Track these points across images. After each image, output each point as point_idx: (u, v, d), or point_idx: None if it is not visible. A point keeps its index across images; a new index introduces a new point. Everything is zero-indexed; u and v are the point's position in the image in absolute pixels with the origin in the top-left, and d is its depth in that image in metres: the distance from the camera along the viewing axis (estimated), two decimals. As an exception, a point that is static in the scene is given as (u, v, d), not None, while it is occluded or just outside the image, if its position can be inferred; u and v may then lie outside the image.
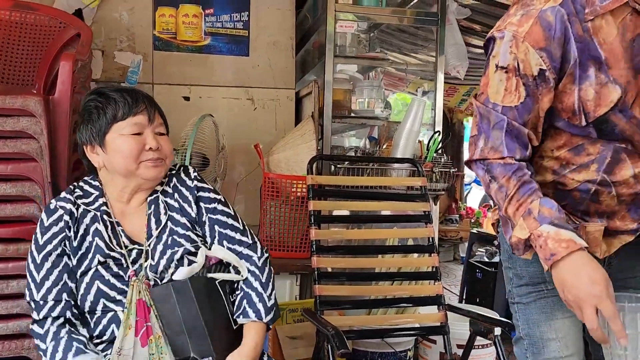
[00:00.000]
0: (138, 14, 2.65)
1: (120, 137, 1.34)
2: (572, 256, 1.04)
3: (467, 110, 6.35)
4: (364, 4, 2.64)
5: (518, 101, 1.12)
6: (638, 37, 1.10)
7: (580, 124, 1.14)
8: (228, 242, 1.43)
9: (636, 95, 1.11)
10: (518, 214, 1.11)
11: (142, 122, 1.36)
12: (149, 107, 1.38)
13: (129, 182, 1.39)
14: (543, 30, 1.08)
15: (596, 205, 1.20)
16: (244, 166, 2.78)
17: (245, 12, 2.76)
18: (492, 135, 1.15)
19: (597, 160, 1.16)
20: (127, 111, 1.34)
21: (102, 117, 1.35)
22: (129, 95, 1.36)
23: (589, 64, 1.09)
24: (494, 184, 1.16)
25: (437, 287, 2.04)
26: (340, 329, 1.57)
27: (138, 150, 1.34)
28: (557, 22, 1.08)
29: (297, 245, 2.39)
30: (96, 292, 1.30)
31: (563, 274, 1.05)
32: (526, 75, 1.11)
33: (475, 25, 4.08)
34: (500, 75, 1.13)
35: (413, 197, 2.22)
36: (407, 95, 8.89)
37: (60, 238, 1.33)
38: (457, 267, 5.98)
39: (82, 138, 1.40)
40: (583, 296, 1.02)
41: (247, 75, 2.78)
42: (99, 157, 1.38)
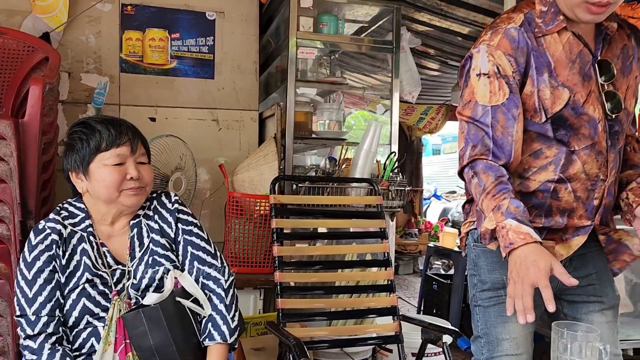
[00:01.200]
0: (105, 37, 2.72)
1: (103, 167, 1.43)
2: (527, 246, 1.21)
3: (425, 128, 6.60)
4: (324, 31, 2.79)
5: (504, 98, 1.32)
6: (579, 54, 1.37)
7: (540, 121, 1.36)
8: (199, 263, 1.53)
9: (587, 95, 1.35)
10: (490, 208, 1.27)
11: (125, 153, 1.45)
12: (133, 138, 1.47)
13: (111, 208, 1.47)
14: (509, 42, 1.34)
15: (557, 203, 1.40)
16: (209, 185, 2.87)
17: (210, 37, 2.87)
18: (480, 143, 1.33)
19: (554, 162, 1.38)
20: (110, 142, 1.43)
21: (86, 147, 1.43)
22: (113, 127, 1.45)
23: (543, 69, 1.34)
24: (475, 179, 1.33)
25: (392, 299, 2.18)
26: (301, 339, 1.68)
27: (119, 180, 1.43)
28: (519, 36, 1.35)
29: (260, 261, 2.50)
30: (82, 309, 1.38)
31: (515, 259, 1.22)
32: (506, 75, 1.33)
33: (430, 49, 4.31)
34: (484, 80, 1.34)
35: (370, 215, 2.37)
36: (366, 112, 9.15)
37: (48, 256, 1.39)
38: (417, 279, 6.16)
39: (68, 165, 1.47)
40: (525, 275, 1.18)
41: (213, 97, 2.89)
42: (83, 183, 1.46)
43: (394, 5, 2.82)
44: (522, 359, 1.44)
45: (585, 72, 1.36)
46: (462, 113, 1.39)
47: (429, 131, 6.76)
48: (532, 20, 1.37)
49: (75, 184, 1.49)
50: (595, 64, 1.37)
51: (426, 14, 3.55)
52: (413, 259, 6.62)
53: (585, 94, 1.35)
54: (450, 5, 3.33)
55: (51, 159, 2.27)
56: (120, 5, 2.72)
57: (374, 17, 3.04)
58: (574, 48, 1.36)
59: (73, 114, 2.67)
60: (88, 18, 2.67)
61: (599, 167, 1.39)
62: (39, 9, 2.55)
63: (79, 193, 1.51)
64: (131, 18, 2.75)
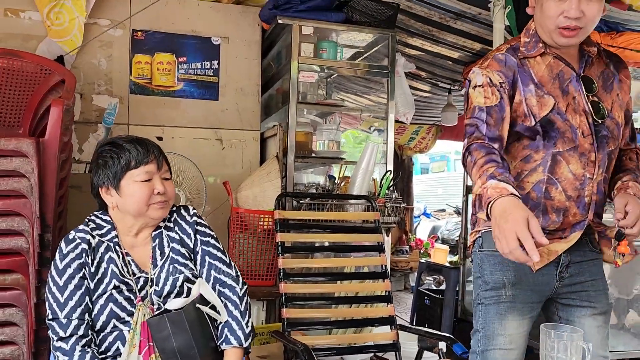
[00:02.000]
0: (116, 61, 2.87)
1: (133, 184, 1.55)
2: (503, 199, 1.30)
3: (416, 148, 6.78)
4: (324, 57, 2.95)
5: (497, 101, 1.53)
6: (560, 72, 1.59)
7: (530, 124, 1.54)
8: (215, 271, 1.65)
9: (566, 106, 1.55)
10: (477, 176, 1.40)
11: (152, 170, 1.57)
12: (158, 156, 1.60)
13: (138, 220, 1.59)
14: (497, 63, 1.58)
15: (551, 202, 1.57)
16: (211, 201, 2.99)
17: (215, 61, 3.03)
18: (476, 131, 1.51)
19: (542, 164, 1.56)
20: (139, 160, 1.55)
21: (117, 165, 1.55)
22: (140, 146, 1.57)
23: (529, 82, 1.57)
24: (469, 157, 1.47)
25: (390, 309, 2.31)
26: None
27: (148, 195, 1.55)
28: (506, 58, 1.59)
29: (263, 273, 2.62)
30: (109, 313, 1.49)
31: (494, 213, 1.30)
32: (496, 84, 1.55)
33: (421, 72, 4.50)
34: (479, 90, 1.56)
35: (368, 230, 2.50)
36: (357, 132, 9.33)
37: (78, 263, 1.51)
38: (408, 295, 6.28)
39: (98, 181, 1.59)
40: (505, 226, 1.26)
41: (217, 118, 3.03)
42: (113, 198, 1.58)
43: (390, 33, 2.99)
44: (513, 353, 1.59)
45: (564, 87, 1.57)
46: (465, 120, 1.58)
47: (420, 150, 6.95)
48: (517, 48, 1.61)
49: (104, 199, 1.60)
50: (579, 79, 1.58)
51: (418, 39, 3.74)
52: (404, 276, 6.74)
53: (564, 104, 1.55)
54: (442, 31, 3.51)
55: (66, 175, 2.39)
56: (130, 30, 2.87)
57: (369, 42, 3.22)
58: (554, 68, 1.58)
59: (84, 133, 2.79)
60: (100, 42, 2.81)
61: (584, 166, 1.55)
62: (54, 33, 2.68)
63: (104, 207, 1.63)
64: (141, 43, 2.89)
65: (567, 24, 1.50)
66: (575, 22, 1.49)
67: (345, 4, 2.96)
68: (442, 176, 17.18)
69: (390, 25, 2.99)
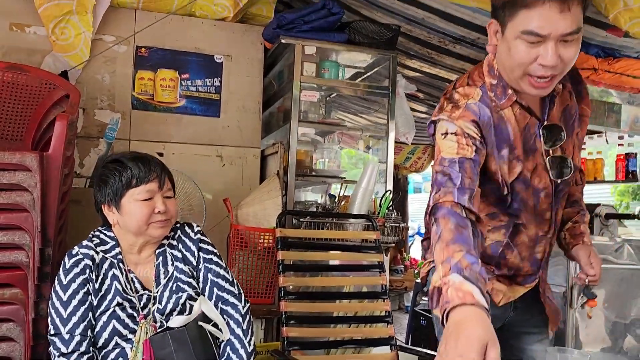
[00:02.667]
0: (119, 76, 2.88)
1: (134, 202, 1.55)
2: (463, 308, 0.99)
3: (411, 167, 6.82)
4: (326, 76, 2.99)
5: (472, 154, 1.28)
6: (526, 127, 1.38)
7: (503, 192, 1.41)
8: (218, 289, 1.65)
9: (533, 168, 1.42)
10: (440, 259, 1.10)
11: (153, 189, 1.58)
12: (160, 174, 1.60)
13: (139, 238, 1.60)
14: (472, 114, 1.34)
15: (504, 261, 1.52)
16: (211, 217, 2.99)
17: (217, 78, 3.05)
18: (443, 185, 1.24)
19: (505, 227, 1.46)
20: (140, 179, 1.56)
21: (118, 182, 1.56)
22: (143, 164, 1.58)
23: (503, 145, 1.37)
24: (434, 226, 1.19)
25: (389, 329, 2.31)
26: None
27: (148, 214, 1.56)
28: (480, 109, 1.35)
29: (262, 292, 2.61)
30: (112, 330, 1.49)
31: (448, 323, 0.99)
32: (472, 136, 1.31)
33: (419, 93, 4.55)
34: (451, 138, 1.31)
35: (368, 249, 2.51)
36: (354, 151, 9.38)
37: (82, 279, 1.50)
38: (403, 315, 6.25)
39: (101, 198, 1.59)
40: (452, 348, 0.94)
41: (218, 135, 3.05)
42: (114, 215, 1.58)
43: (391, 54, 3.04)
44: None
45: (530, 146, 1.39)
46: (433, 169, 1.36)
47: (415, 170, 6.99)
48: (486, 93, 1.37)
49: (107, 216, 1.60)
50: (540, 131, 1.39)
51: (417, 61, 3.79)
52: (399, 295, 6.72)
53: (531, 166, 1.40)
54: (440, 54, 3.57)
55: (67, 190, 2.39)
56: (135, 47, 2.90)
57: (370, 63, 3.26)
58: (521, 122, 1.38)
59: (86, 148, 2.80)
60: (104, 58, 2.84)
61: (541, 227, 1.48)
62: (60, 47, 2.70)
63: (109, 223, 1.63)
64: (144, 59, 2.92)
65: (542, 73, 1.25)
66: (551, 71, 1.25)
67: (347, 26, 3.01)
68: (436, 196, 17.22)
69: (391, 47, 3.04)
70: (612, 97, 3.19)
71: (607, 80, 2.97)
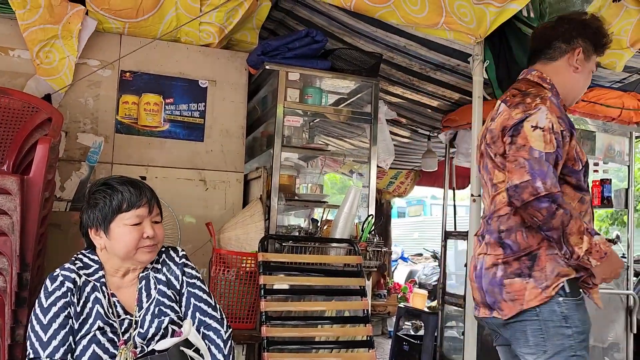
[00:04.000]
0: (103, 100, 2.89)
1: (123, 227, 1.54)
2: (612, 249, 1.65)
3: (394, 192, 6.87)
4: (309, 102, 3.03)
5: (554, 149, 1.64)
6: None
7: (578, 168, 1.74)
8: (201, 314, 1.64)
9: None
10: (581, 231, 1.60)
11: (143, 214, 1.57)
12: (150, 199, 1.60)
13: (125, 263, 1.59)
14: (556, 107, 1.73)
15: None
16: (193, 241, 2.98)
17: (202, 103, 3.08)
18: (549, 176, 1.59)
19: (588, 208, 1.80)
20: (132, 203, 1.55)
21: (108, 206, 1.55)
22: (133, 189, 1.57)
23: (573, 132, 1.75)
24: (560, 210, 1.58)
25: (371, 354, 2.31)
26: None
27: (137, 239, 1.55)
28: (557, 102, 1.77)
29: (244, 316, 2.59)
30: (91, 355, 1.46)
31: (609, 263, 1.63)
32: (557, 132, 1.67)
33: (402, 118, 4.63)
34: (538, 132, 1.64)
35: (350, 274, 2.52)
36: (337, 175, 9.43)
37: (63, 302, 1.48)
38: (385, 340, 6.21)
39: (88, 222, 1.58)
40: (617, 267, 1.67)
41: (201, 159, 3.06)
42: (102, 240, 1.57)
43: (373, 81, 3.10)
44: None
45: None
46: (517, 154, 1.65)
47: (398, 195, 7.04)
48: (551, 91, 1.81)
49: (93, 240, 1.59)
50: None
51: (399, 87, 3.87)
52: (382, 320, 6.68)
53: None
54: (422, 80, 3.65)
55: (47, 213, 2.37)
56: (119, 71, 2.91)
57: (353, 89, 3.31)
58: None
59: (67, 171, 2.78)
60: (88, 82, 2.84)
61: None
62: (43, 71, 2.71)
63: (92, 246, 1.62)
64: (128, 83, 2.93)
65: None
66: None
67: (330, 53, 3.07)
68: (419, 220, 17.35)
69: (374, 74, 3.10)
70: (588, 124, 3.29)
71: (582, 109, 3.06)
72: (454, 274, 4.25)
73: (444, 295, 4.09)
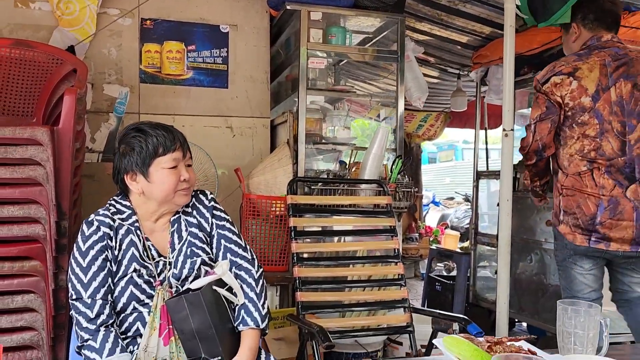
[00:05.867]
0: (125, 50, 2.88)
1: (161, 171, 1.55)
2: None
3: (424, 135, 6.76)
4: (333, 42, 2.95)
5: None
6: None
7: None
8: (231, 254, 1.66)
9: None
10: None
11: (178, 157, 1.57)
12: (183, 143, 1.59)
13: (162, 207, 1.60)
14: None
15: None
16: (223, 189, 3.01)
17: (224, 49, 3.03)
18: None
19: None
20: (167, 147, 1.54)
21: (145, 151, 1.54)
22: (166, 133, 1.56)
23: None
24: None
25: (403, 292, 2.32)
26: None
27: (176, 182, 1.56)
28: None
29: (276, 259, 2.64)
30: (129, 295, 1.51)
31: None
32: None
33: (430, 57, 4.47)
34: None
35: (380, 214, 2.51)
36: (365, 121, 9.31)
37: (100, 246, 1.52)
38: (418, 282, 6.28)
39: (124, 167, 1.57)
40: None
41: (227, 106, 3.04)
42: (139, 184, 1.57)
43: (399, 17, 2.98)
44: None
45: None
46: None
47: (428, 138, 6.92)
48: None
49: (129, 185, 1.58)
50: None
51: (427, 24, 3.72)
52: (414, 263, 6.74)
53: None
54: (450, 15, 3.49)
55: (80, 164, 2.42)
56: (139, 19, 2.88)
57: (378, 27, 3.20)
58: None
59: (96, 123, 2.81)
60: (110, 32, 2.83)
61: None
62: (66, 22, 2.70)
63: (124, 192, 1.63)
64: (150, 31, 2.90)
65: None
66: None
67: (353, -11, 2.95)
68: (450, 165, 17.10)
69: (399, 10, 2.98)
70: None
71: (622, 36, 2.89)
72: (486, 214, 4.19)
73: (476, 235, 4.06)
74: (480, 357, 1.08)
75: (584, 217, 2.09)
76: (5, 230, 2.05)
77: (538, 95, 2.19)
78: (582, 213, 2.09)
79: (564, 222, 2.14)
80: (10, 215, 2.06)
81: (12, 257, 2.07)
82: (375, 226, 2.50)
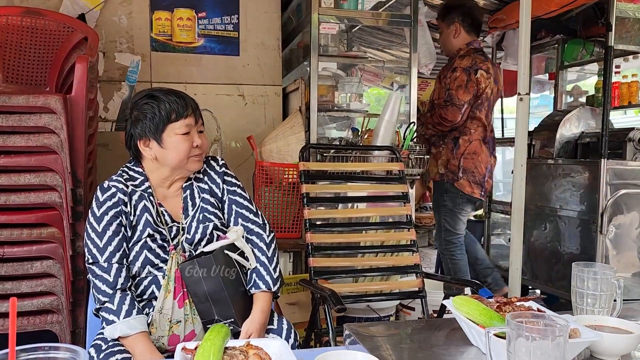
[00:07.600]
0: (136, 18, 2.86)
1: (175, 136, 1.55)
2: None
3: (439, 103, 6.67)
4: (345, 7, 2.90)
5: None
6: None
7: None
8: (243, 220, 1.68)
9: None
10: None
11: (191, 123, 1.57)
12: (195, 109, 1.60)
13: (175, 172, 1.61)
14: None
15: None
16: (236, 156, 3.02)
17: (235, 15, 3.00)
18: None
19: None
20: (180, 113, 1.55)
21: (158, 116, 1.55)
22: (178, 99, 1.57)
23: None
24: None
25: (415, 257, 2.33)
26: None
27: (189, 148, 1.56)
28: None
29: (289, 226, 2.65)
30: (144, 259, 1.54)
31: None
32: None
33: (444, 23, 4.37)
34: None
35: (392, 180, 2.50)
36: (380, 89, 9.18)
37: (115, 211, 1.54)
38: (432, 251, 6.29)
39: (137, 133, 1.58)
40: None
41: (238, 74, 3.02)
42: (152, 150, 1.58)
43: (412, -20, 2.91)
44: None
45: None
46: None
47: (443, 106, 6.83)
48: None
49: (142, 151, 1.60)
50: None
51: (441, -12, 3.63)
52: (428, 232, 6.74)
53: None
54: (465, -22, 3.39)
55: (93, 132, 2.43)
56: (149, -14, 2.85)
57: (391, -9, 3.14)
58: None
59: (109, 92, 2.82)
60: (120, -1, 2.81)
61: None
62: (75, -10, 2.68)
63: (137, 158, 1.65)
64: (160, -2, 2.87)
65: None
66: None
67: (365, -48, 2.88)
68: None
69: (413, -28, 2.90)
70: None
71: None
72: (501, 182, 4.17)
73: (491, 203, 4.05)
74: (489, 316, 1.09)
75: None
76: (23, 198, 2.09)
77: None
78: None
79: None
80: (27, 183, 2.09)
81: (30, 224, 2.11)
82: (387, 192, 2.50)
